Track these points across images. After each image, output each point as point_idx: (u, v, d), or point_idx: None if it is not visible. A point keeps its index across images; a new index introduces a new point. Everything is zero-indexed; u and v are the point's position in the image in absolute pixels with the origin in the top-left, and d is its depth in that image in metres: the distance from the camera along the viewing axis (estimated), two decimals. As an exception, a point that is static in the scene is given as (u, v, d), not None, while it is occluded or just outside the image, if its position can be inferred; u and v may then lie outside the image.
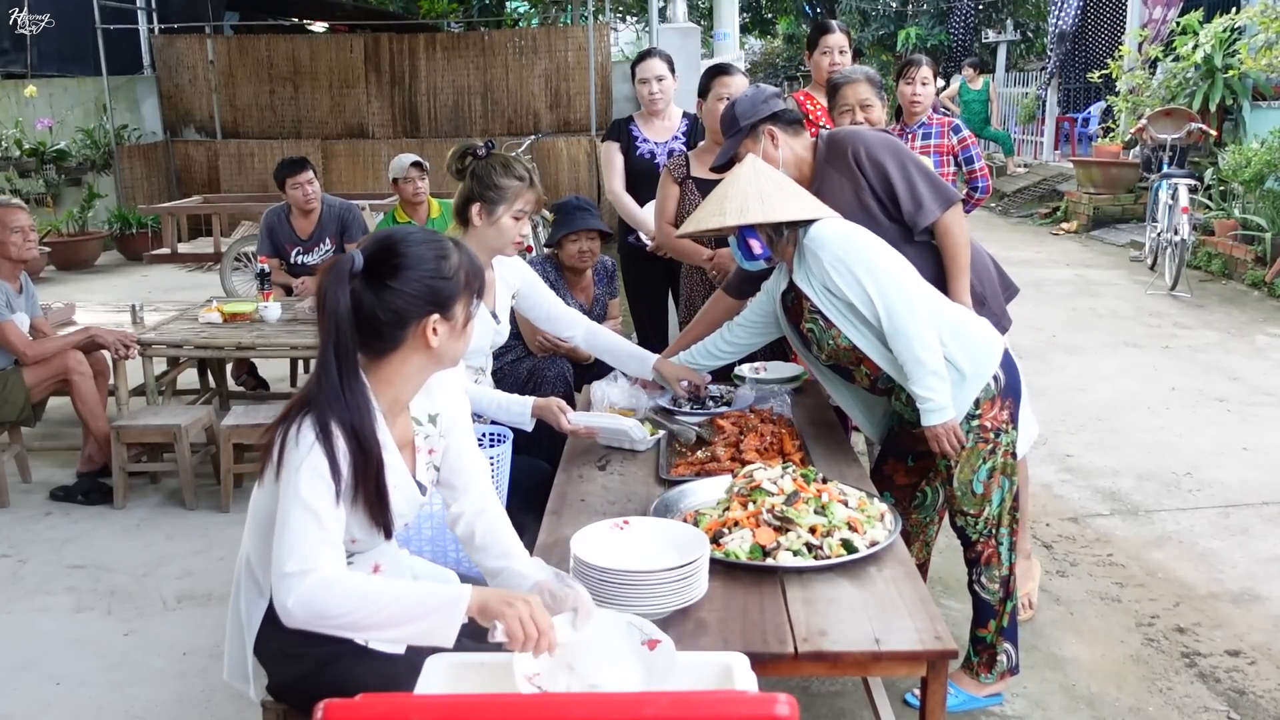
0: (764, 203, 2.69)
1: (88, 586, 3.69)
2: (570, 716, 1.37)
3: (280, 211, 5.64)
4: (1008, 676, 2.82)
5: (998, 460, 2.67)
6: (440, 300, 1.86)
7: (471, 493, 2.10)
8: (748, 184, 2.74)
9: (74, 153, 10.99)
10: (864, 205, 2.96)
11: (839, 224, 2.70)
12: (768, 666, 1.83)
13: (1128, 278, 8.85)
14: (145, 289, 9.04)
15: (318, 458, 1.77)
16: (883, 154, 2.96)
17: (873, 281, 2.58)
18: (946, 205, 2.96)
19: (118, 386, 4.68)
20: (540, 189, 2.93)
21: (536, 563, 2.01)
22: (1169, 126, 9.14)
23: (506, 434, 2.85)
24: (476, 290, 1.92)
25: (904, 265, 2.67)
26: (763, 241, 2.74)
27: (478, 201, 2.84)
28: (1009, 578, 2.75)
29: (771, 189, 2.72)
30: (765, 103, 2.99)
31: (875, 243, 2.67)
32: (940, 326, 2.60)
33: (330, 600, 1.69)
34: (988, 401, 2.63)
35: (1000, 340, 2.71)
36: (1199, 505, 4.26)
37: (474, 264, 1.92)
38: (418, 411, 2.03)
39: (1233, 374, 6.04)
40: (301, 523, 1.73)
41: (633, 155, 4.47)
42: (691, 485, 2.48)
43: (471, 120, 11.70)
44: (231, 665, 2.08)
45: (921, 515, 3.01)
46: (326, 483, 1.77)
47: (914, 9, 17.79)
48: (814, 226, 2.69)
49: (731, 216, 2.70)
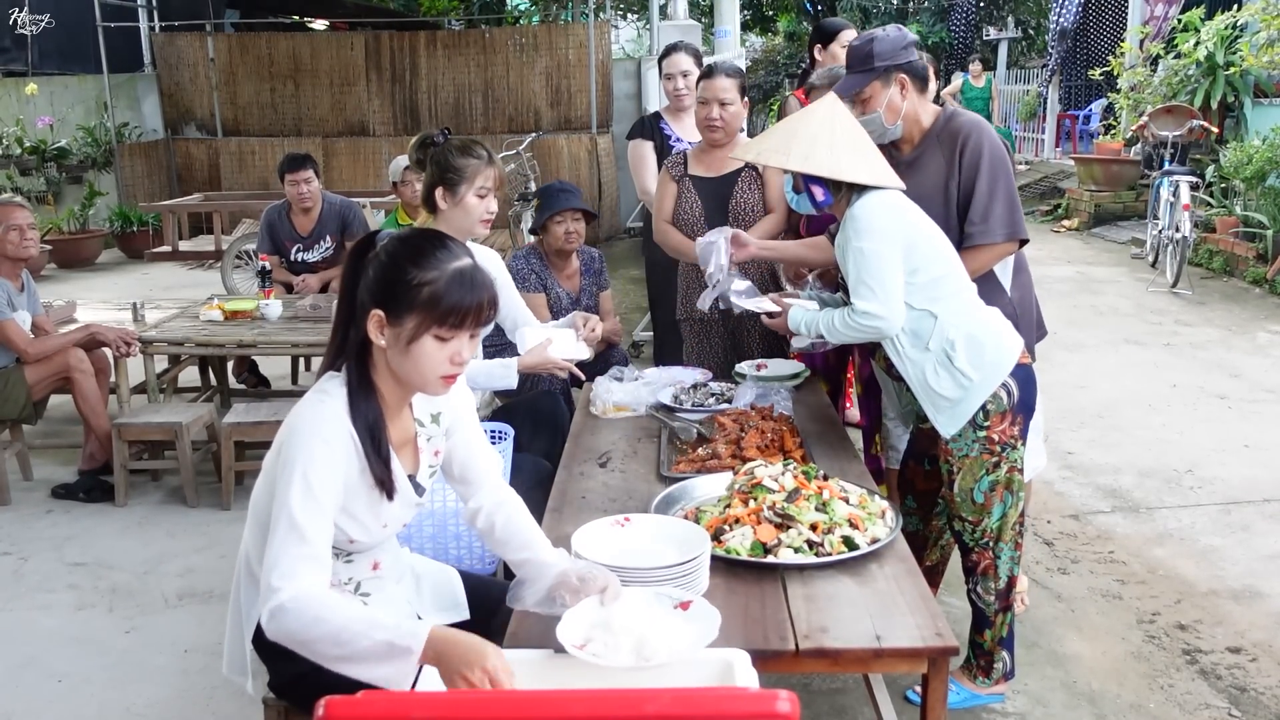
0: (832, 154, 2.57)
1: (89, 584, 3.69)
2: (571, 714, 1.37)
3: (280, 209, 5.64)
4: (1004, 682, 2.82)
5: (1001, 475, 2.63)
6: (387, 299, 1.79)
7: (487, 486, 2.10)
8: (820, 128, 2.61)
9: (75, 151, 10.99)
10: (946, 192, 2.90)
11: (887, 205, 2.60)
12: (769, 663, 1.83)
13: (1129, 275, 8.84)
14: (146, 287, 9.04)
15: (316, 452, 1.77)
16: (985, 158, 2.86)
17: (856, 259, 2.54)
18: (1007, 238, 2.87)
19: (119, 384, 4.68)
20: (500, 166, 2.97)
21: (559, 553, 2.01)
22: (1170, 124, 9.13)
23: (507, 432, 2.86)
24: (443, 320, 1.78)
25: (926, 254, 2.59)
26: (827, 190, 2.64)
27: (440, 185, 2.88)
28: (1007, 591, 2.72)
29: (844, 140, 2.60)
30: (904, 49, 2.89)
31: (908, 229, 2.58)
32: (954, 331, 2.56)
33: (290, 623, 1.67)
34: (998, 415, 2.58)
35: (1015, 353, 2.62)
36: (1200, 502, 4.26)
37: (457, 295, 1.78)
38: (419, 411, 2.02)
39: (1234, 371, 6.04)
40: (285, 538, 1.73)
41: (667, 154, 4.32)
42: (692, 482, 2.48)
43: (472, 118, 11.69)
44: (230, 660, 2.08)
45: (942, 521, 2.98)
46: (321, 486, 1.76)
47: (915, 6, 17.77)
48: (863, 199, 2.60)
49: (795, 160, 2.60)
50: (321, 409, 1.83)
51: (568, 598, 1.84)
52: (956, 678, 2.78)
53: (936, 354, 2.58)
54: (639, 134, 4.52)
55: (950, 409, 2.60)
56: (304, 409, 1.85)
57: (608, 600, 1.80)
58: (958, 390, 2.57)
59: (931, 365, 2.59)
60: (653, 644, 1.68)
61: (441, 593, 2.19)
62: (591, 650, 1.68)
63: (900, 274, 2.57)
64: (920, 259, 2.59)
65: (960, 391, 2.57)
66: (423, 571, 2.20)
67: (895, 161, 2.93)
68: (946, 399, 2.59)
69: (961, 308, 2.62)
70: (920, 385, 2.62)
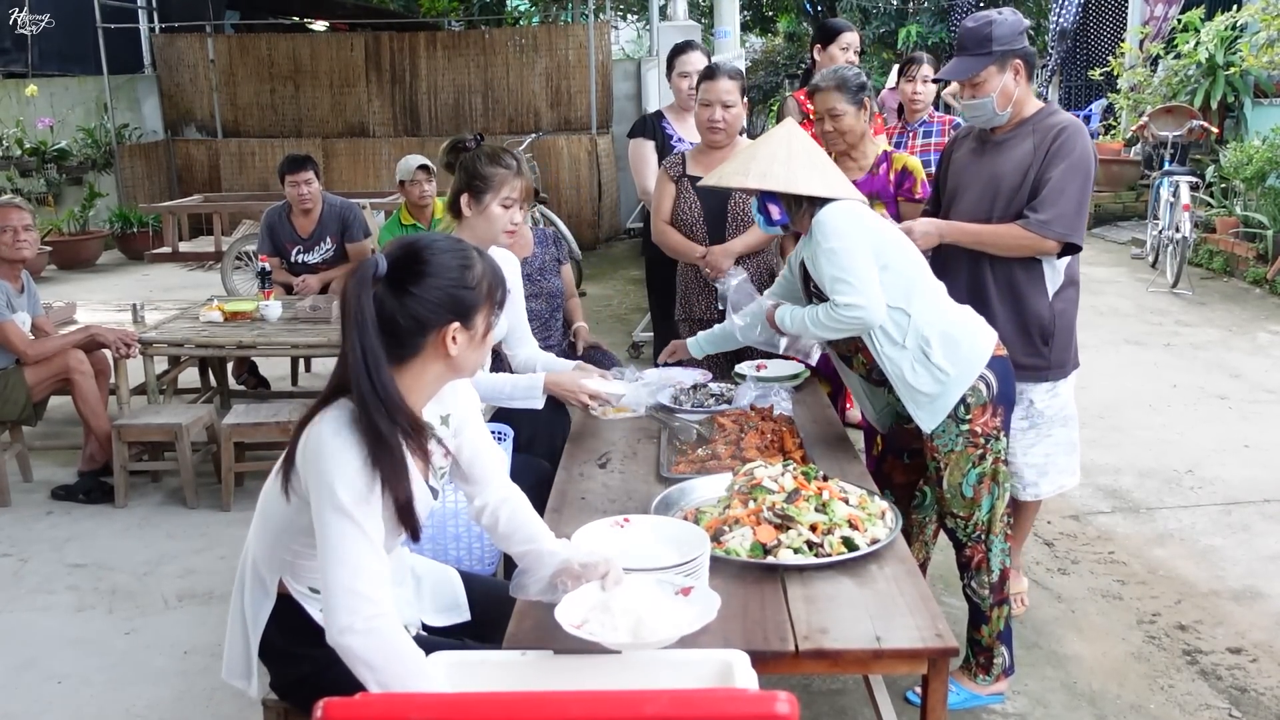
0: (789, 169, 2.66)
1: (89, 585, 3.69)
2: (571, 715, 1.37)
3: (281, 210, 5.64)
4: (1004, 678, 2.82)
5: (987, 466, 2.66)
6: (461, 309, 1.85)
7: (493, 484, 2.10)
8: (778, 147, 2.71)
9: (75, 152, 11.00)
10: (1025, 176, 2.89)
11: (848, 211, 2.66)
12: (768, 664, 1.82)
13: (1129, 275, 8.84)
14: (146, 288, 9.04)
15: (352, 465, 1.74)
16: (1071, 156, 2.84)
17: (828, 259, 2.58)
18: (1059, 236, 2.84)
19: (119, 385, 4.68)
20: (530, 177, 2.95)
21: (563, 543, 2.02)
22: (1170, 124, 9.13)
23: (507, 432, 2.86)
24: (498, 301, 1.91)
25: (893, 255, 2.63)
26: (782, 208, 2.73)
27: (466, 192, 2.87)
28: (1000, 584, 2.74)
29: (801, 157, 2.69)
30: (1021, 34, 2.87)
31: (871, 234, 2.63)
32: (928, 329, 2.59)
33: (378, 658, 1.67)
34: (979, 407, 2.61)
35: (989, 346, 2.65)
36: (1200, 503, 4.26)
37: (496, 274, 1.92)
38: (430, 415, 2.02)
39: (1234, 371, 6.04)
40: (353, 539, 1.71)
41: (669, 153, 4.29)
42: (692, 483, 2.48)
43: (472, 119, 11.69)
44: (231, 663, 2.07)
45: (921, 515, 3.01)
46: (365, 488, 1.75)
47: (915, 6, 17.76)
48: (826, 208, 2.66)
49: (753, 179, 2.69)
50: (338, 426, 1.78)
51: (569, 584, 1.86)
52: (957, 678, 2.78)
53: (913, 351, 2.60)
54: (640, 133, 4.50)
55: (929, 404, 2.62)
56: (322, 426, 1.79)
57: (609, 585, 1.82)
58: (935, 385, 2.59)
59: (909, 362, 2.61)
60: (650, 624, 1.69)
61: (441, 593, 2.19)
62: (588, 630, 1.69)
63: (874, 268, 2.59)
64: (889, 258, 2.63)
65: (938, 386, 2.59)
66: (423, 572, 2.20)
67: (985, 142, 2.97)
68: (925, 394, 2.61)
69: (933, 305, 2.65)
70: (900, 382, 2.64)
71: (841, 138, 3.42)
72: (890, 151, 3.58)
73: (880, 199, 3.49)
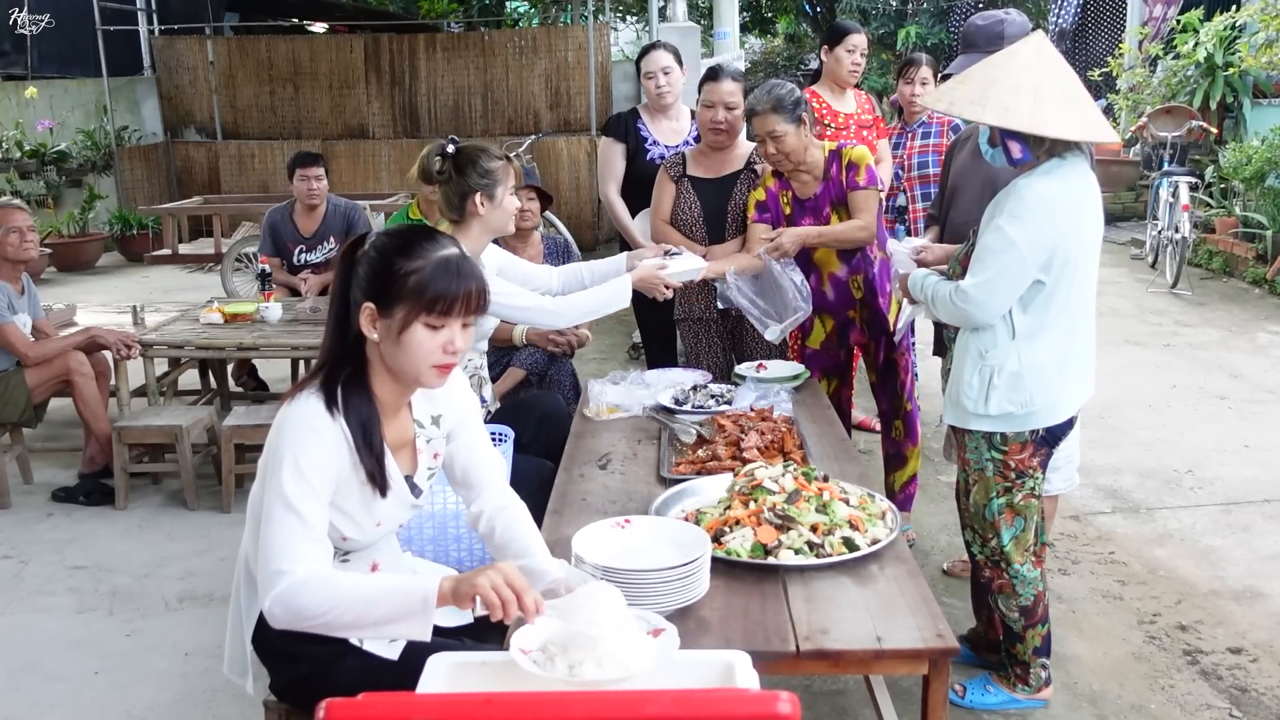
0: (1036, 104, 2.28)
1: (89, 587, 3.69)
2: (571, 715, 1.37)
3: (284, 210, 5.64)
4: (1045, 689, 2.81)
5: (1015, 499, 2.61)
6: (377, 292, 1.84)
7: (490, 490, 2.10)
8: (1023, 75, 2.31)
9: (74, 154, 10.99)
10: None
11: (1058, 195, 2.38)
12: (769, 665, 1.83)
13: (1128, 276, 8.84)
14: (146, 290, 9.04)
15: (308, 440, 1.79)
16: None
17: (993, 234, 2.36)
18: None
19: (119, 387, 4.68)
20: (516, 163, 3.11)
21: (559, 562, 2.01)
22: (1169, 124, 9.13)
23: (508, 433, 2.86)
24: (431, 308, 1.81)
25: (1060, 271, 2.43)
26: (1025, 146, 2.39)
27: (476, 192, 2.90)
28: (1034, 608, 2.70)
29: (1050, 87, 2.31)
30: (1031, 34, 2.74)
31: (1061, 239, 2.38)
32: (1011, 359, 2.47)
33: (305, 600, 1.70)
34: (1017, 444, 2.56)
35: (1050, 416, 2.53)
36: (1200, 503, 4.26)
37: (444, 282, 1.81)
38: (419, 413, 2.02)
39: (1234, 372, 6.04)
40: (283, 522, 1.75)
41: (641, 158, 4.27)
42: (692, 484, 2.48)
43: (472, 120, 11.69)
44: (231, 660, 2.09)
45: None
46: (314, 472, 1.78)
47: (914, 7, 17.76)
48: (1043, 180, 2.36)
49: (991, 113, 2.30)
50: (311, 403, 1.85)
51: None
52: (996, 681, 2.79)
53: (985, 363, 2.52)
54: (613, 132, 4.37)
55: (960, 408, 2.60)
56: (293, 407, 1.86)
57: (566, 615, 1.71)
58: (975, 404, 2.56)
59: (973, 366, 2.55)
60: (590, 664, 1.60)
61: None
62: (534, 658, 1.64)
63: (1022, 276, 2.41)
64: (1054, 275, 2.43)
65: (977, 406, 2.55)
66: (424, 573, 2.20)
67: None
68: (963, 399, 2.58)
69: (1043, 341, 2.48)
70: (956, 367, 2.61)
71: (786, 158, 3.35)
72: (836, 150, 3.46)
73: (843, 204, 3.44)
